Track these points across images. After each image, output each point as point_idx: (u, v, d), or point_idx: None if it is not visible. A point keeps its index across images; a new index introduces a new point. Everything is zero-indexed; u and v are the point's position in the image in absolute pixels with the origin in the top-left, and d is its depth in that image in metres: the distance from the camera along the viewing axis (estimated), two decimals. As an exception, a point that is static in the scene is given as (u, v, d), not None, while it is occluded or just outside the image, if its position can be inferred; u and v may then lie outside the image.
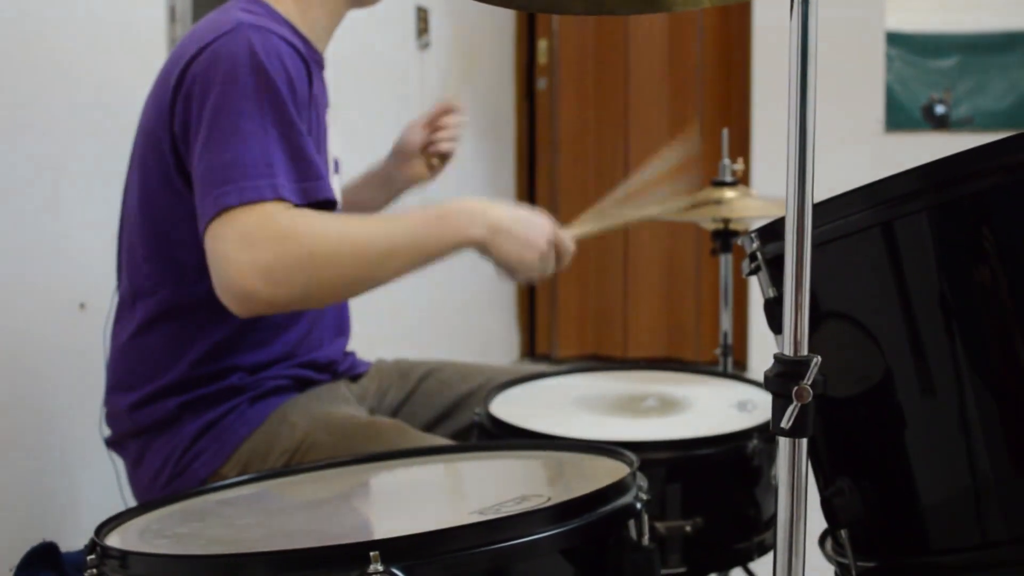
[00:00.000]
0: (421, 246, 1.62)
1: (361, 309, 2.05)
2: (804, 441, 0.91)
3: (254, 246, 1.50)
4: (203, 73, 1.57)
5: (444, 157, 2.14)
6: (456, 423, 1.93)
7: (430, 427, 1.91)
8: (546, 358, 5.16)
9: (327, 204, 1.60)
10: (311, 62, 1.67)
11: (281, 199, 1.52)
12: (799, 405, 0.90)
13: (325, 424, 1.68)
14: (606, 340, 5.15)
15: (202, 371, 1.67)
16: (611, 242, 5.06)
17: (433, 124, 2.13)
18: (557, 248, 1.73)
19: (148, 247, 1.69)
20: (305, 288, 1.55)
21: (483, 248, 1.67)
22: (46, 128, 2.08)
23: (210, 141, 1.55)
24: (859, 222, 1.20)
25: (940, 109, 4.39)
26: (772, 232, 1.32)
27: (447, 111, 2.14)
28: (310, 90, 1.64)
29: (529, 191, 5.20)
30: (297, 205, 1.54)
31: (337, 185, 1.85)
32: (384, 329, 3.30)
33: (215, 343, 1.67)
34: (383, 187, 2.12)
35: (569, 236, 1.77)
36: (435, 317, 4.16)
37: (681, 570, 1.70)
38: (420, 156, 2.13)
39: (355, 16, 1.85)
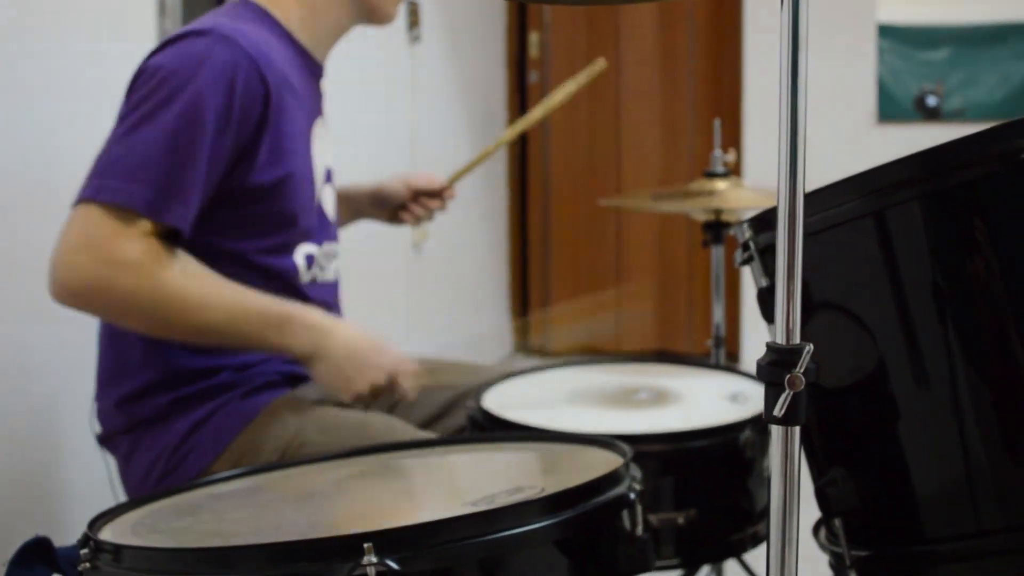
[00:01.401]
0: (245, 339, 1.63)
1: (353, 304, 2.05)
2: (797, 430, 0.91)
3: (89, 257, 1.53)
4: (152, 66, 1.61)
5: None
6: (451, 422, 1.92)
7: (425, 425, 1.91)
8: (539, 352, 5.16)
9: (175, 232, 1.59)
10: (282, 80, 1.66)
11: (131, 208, 1.53)
12: (791, 393, 0.90)
13: (316, 422, 1.67)
14: (599, 333, 5.14)
15: (191, 367, 1.67)
16: (603, 235, 5.06)
17: (416, 192, 2.15)
18: (392, 380, 1.70)
19: None
20: (104, 314, 1.63)
21: (302, 364, 1.67)
22: (36, 123, 2.07)
23: (115, 129, 1.59)
24: (851, 211, 1.20)
25: (932, 101, 4.39)
26: (764, 222, 1.33)
27: (435, 191, 2.15)
28: (264, 112, 1.62)
29: (521, 185, 5.20)
30: (146, 217, 1.54)
31: (330, 194, 1.84)
32: (377, 324, 3.30)
33: None
34: (349, 209, 2.12)
35: (410, 369, 1.73)
36: (428, 311, 4.15)
37: (674, 562, 1.71)
38: (395, 209, 2.16)
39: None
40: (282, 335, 1.62)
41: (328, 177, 1.84)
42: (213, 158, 1.58)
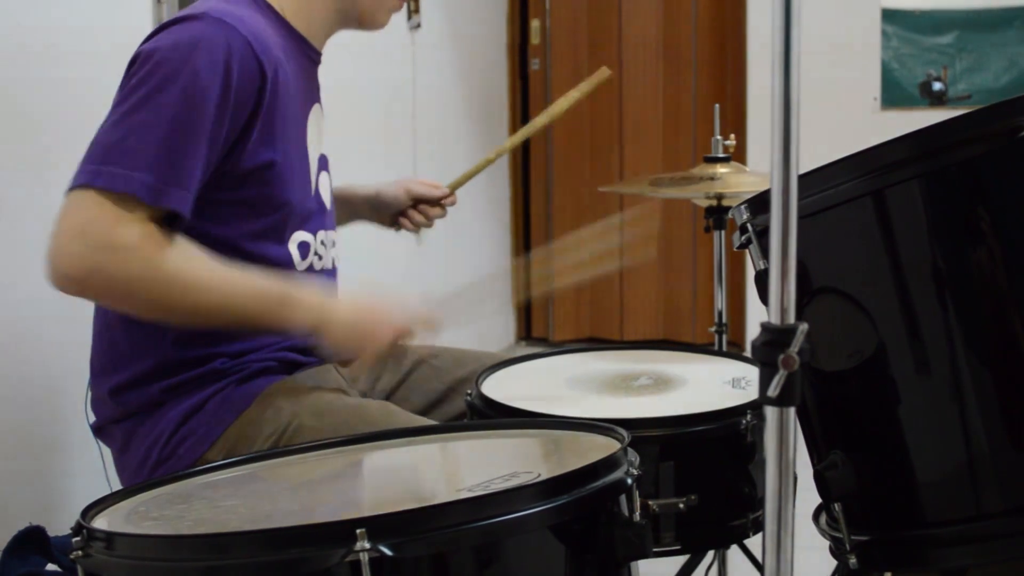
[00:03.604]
0: (245, 320, 1.61)
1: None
2: (792, 410, 0.90)
3: (87, 243, 1.50)
4: (147, 51, 1.59)
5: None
6: (449, 409, 1.92)
7: (423, 413, 1.89)
8: (543, 341, 5.15)
9: (175, 216, 1.56)
10: (277, 64, 1.64)
11: (130, 193, 1.51)
12: (786, 373, 0.88)
13: (311, 407, 1.66)
14: (603, 322, 5.13)
15: (184, 355, 1.65)
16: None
17: (417, 199, 2.12)
18: (403, 338, 1.69)
19: None
20: (104, 299, 1.61)
21: (306, 339, 1.66)
22: (35, 116, 2.07)
23: (110, 115, 1.57)
24: (850, 191, 1.19)
25: (937, 86, 4.37)
26: (762, 203, 1.31)
27: (435, 198, 2.13)
28: (259, 94, 1.60)
29: (523, 172, 5.19)
30: (146, 203, 1.52)
31: (327, 183, 1.83)
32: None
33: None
34: (346, 211, 2.09)
35: (419, 324, 1.71)
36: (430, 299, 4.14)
37: (676, 548, 1.69)
38: (394, 215, 2.13)
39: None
40: (282, 315, 1.60)
41: (324, 165, 1.82)
42: (212, 141, 1.56)
